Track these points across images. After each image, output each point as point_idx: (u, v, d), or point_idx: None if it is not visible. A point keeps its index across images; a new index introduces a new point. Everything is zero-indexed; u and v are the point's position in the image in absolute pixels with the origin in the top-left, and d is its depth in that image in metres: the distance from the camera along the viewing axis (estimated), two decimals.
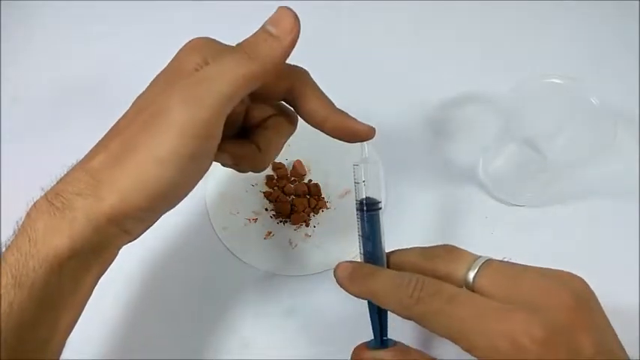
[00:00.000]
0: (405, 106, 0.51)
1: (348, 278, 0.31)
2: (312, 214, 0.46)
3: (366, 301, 0.32)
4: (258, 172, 0.41)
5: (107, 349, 0.40)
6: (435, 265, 0.30)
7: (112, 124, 0.28)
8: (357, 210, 0.32)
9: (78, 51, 0.56)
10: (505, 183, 0.47)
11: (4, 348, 0.24)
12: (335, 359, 0.40)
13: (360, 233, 0.32)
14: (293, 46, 0.27)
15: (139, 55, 0.55)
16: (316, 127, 0.31)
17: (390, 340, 0.32)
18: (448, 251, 0.30)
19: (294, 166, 0.48)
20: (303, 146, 0.44)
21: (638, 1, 0.59)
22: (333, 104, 0.31)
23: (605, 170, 0.44)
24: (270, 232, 0.45)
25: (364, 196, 0.32)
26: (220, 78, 0.26)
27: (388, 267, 0.32)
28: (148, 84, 0.29)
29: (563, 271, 0.27)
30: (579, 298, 0.26)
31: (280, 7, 0.27)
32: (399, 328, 0.33)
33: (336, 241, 0.45)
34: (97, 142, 0.28)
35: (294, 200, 0.46)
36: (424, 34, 0.58)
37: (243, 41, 0.27)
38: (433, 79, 0.54)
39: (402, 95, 0.52)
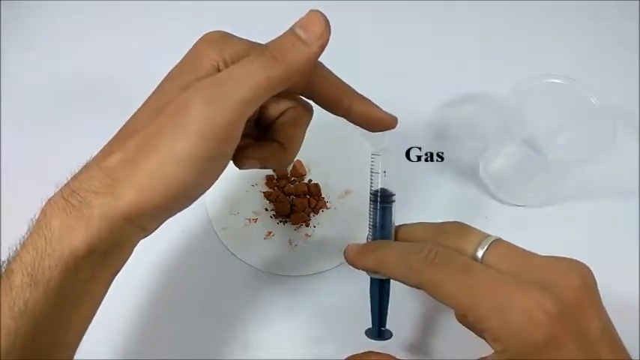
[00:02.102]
0: (405, 106, 0.50)
1: (357, 253, 0.31)
2: (312, 214, 0.46)
3: (366, 300, 0.33)
4: (284, 168, 0.40)
5: (107, 349, 0.40)
6: (444, 240, 0.30)
7: (112, 124, 0.28)
8: (370, 200, 0.33)
9: (78, 51, 0.56)
10: (505, 183, 0.47)
11: (20, 346, 0.24)
12: (335, 359, 0.40)
13: (372, 223, 0.33)
14: (321, 52, 0.26)
15: (140, 54, 0.55)
16: (340, 115, 0.31)
17: (388, 331, 0.32)
18: (458, 227, 0.30)
19: (294, 166, 0.48)
20: (304, 146, 0.44)
21: (638, 1, 0.59)
22: (354, 89, 0.30)
23: (605, 170, 0.44)
24: (270, 232, 0.45)
25: (379, 187, 0.32)
26: (244, 80, 0.25)
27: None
28: (148, 83, 0.28)
29: (568, 257, 0.28)
30: (586, 281, 0.27)
31: (311, 10, 0.26)
32: (396, 327, 0.33)
33: (336, 241, 0.45)
34: (112, 139, 0.28)
35: (294, 200, 0.46)
36: (424, 34, 0.58)
37: (270, 42, 0.27)
38: (433, 79, 0.54)
39: (402, 95, 0.52)
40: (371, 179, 0.33)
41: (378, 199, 0.32)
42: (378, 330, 0.32)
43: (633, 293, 0.42)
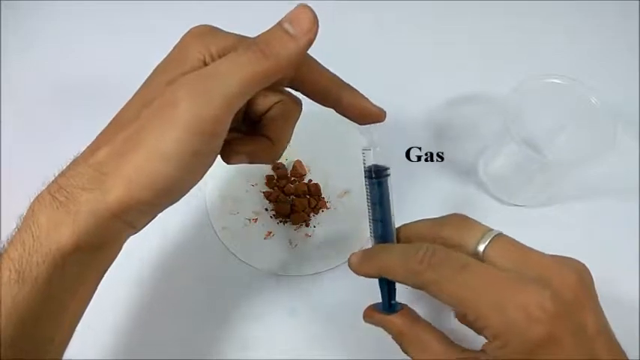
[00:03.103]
0: (405, 106, 0.51)
1: (359, 262, 0.31)
2: (312, 214, 0.46)
3: (366, 299, 0.32)
4: (273, 162, 0.40)
5: (106, 349, 0.40)
6: (445, 232, 0.30)
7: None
8: (365, 178, 0.32)
9: (78, 51, 0.56)
10: (505, 183, 0.47)
11: (8, 344, 0.24)
12: (336, 359, 0.40)
13: (371, 201, 0.32)
14: (309, 47, 0.26)
15: (140, 54, 0.55)
16: (329, 106, 0.31)
17: (398, 303, 0.32)
18: (459, 220, 0.31)
19: (294, 166, 0.48)
20: (303, 146, 0.44)
21: (638, 1, 0.59)
22: (342, 80, 0.30)
23: (605, 170, 0.44)
24: (270, 232, 0.45)
25: (372, 164, 0.32)
26: (232, 75, 0.25)
27: (398, 241, 0.32)
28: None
29: (566, 256, 0.28)
30: (582, 278, 0.27)
31: (300, 5, 0.26)
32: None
33: (336, 241, 0.45)
34: (99, 134, 0.27)
35: (294, 200, 0.46)
36: (424, 35, 0.58)
37: (258, 37, 0.26)
38: (433, 79, 0.54)
39: (402, 95, 0.52)
40: (364, 173, 0.33)
41: (373, 174, 0.32)
42: (389, 304, 0.32)
43: (633, 293, 0.42)
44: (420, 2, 0.59)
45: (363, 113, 0.30)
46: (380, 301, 0.32)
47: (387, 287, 0.32)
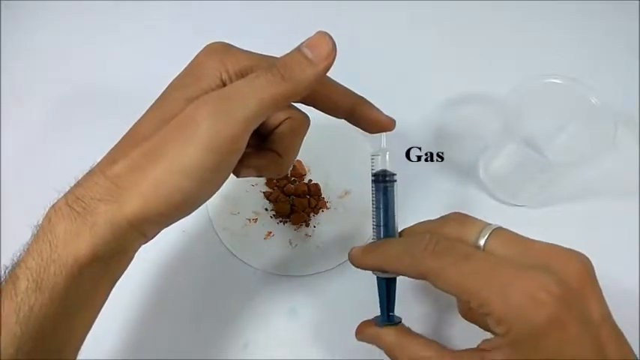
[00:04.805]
0: (405, 106, 0.50)
1: (362, 253, 0.32)
2: (312, 214, 0.46)
3: (367, 299, 0.32)
4: (280, 176, 0.41)
5: (106, 348, 0.40)
6: (445, 229, 0.30)
7: (113, 127, 0.28)
8: (372, 183, 0.33)
9: (78, 51, 0.56)
10: (505, 183, 0.47)
11: (25, 352, 0.25)
12: (335, 359, 0.40)
13: (375, 205, 0.33)
14: (327, 71, 0.27)
15: (140, 56, 0.55)
16: (341, 118, 0.31)
17: (397, 316, 0.32)
18: (459, 216, 0.31)
19: (294, 166, 0.48)
20: (304, 146, 0.44)
21: (638, 1, 0.59)
22: (354, 93, 0.31)
23: (605, 170, 0.44)
24: (270, 232, 0.45)
25: (379, 168, 0.32)
26: (252, 96, 0.26)
27: None
28: (150, 88, 0.29)
29: (567, 247, 0.28)
30: (586, 267, 0.27)
31: (319, 32, 0.27)
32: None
33: (336, 241, 0.45)
34: (115, 145, 0.28)
35: (294, 200, 0.46)
36: (424, 34, 0.58)
37: (278, 60, 0.27)
38: (433, 79, 0.54)
39: (402, 95, 0.52)
40: (372, 177, 0.33)
41: (380, 179, 0.32)
42: (387, 315, 0.32)
43: (633, 293, 0.42)
44: (421, 2, 0.59)
45: (375, 124, 0.31)
46: (374, 316, 0.33)
47: (387, 297, 0.32)
